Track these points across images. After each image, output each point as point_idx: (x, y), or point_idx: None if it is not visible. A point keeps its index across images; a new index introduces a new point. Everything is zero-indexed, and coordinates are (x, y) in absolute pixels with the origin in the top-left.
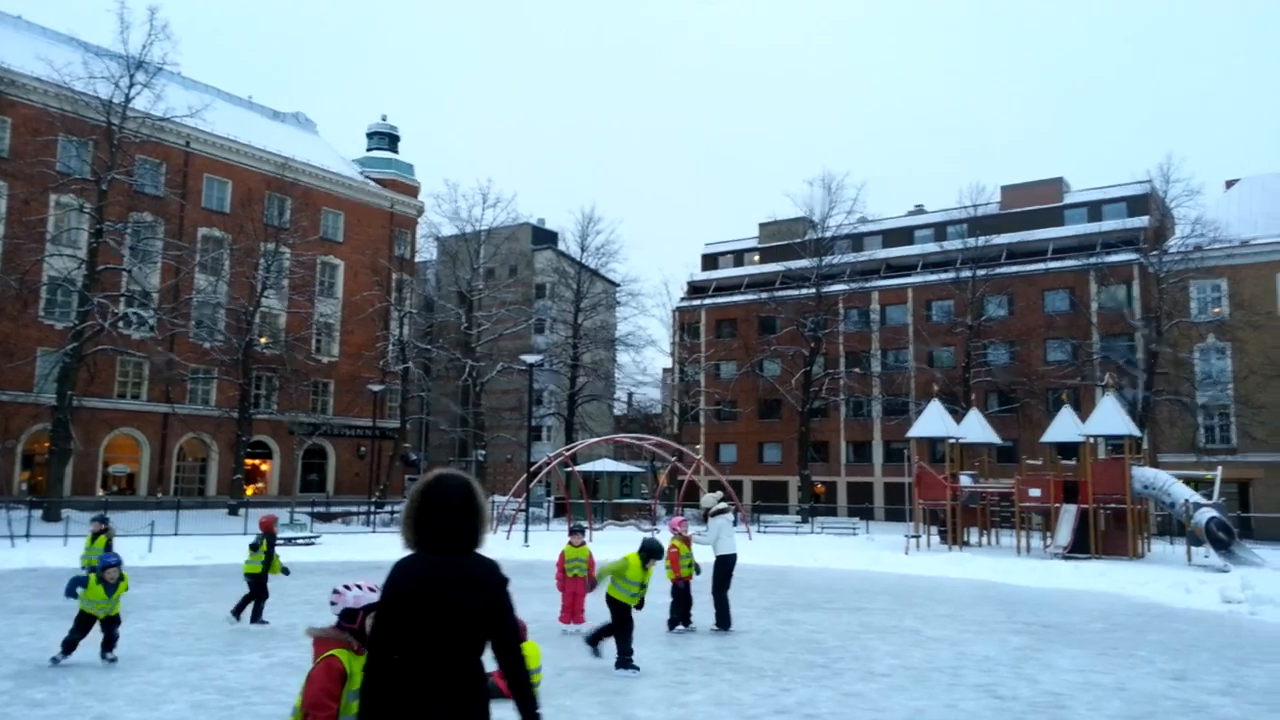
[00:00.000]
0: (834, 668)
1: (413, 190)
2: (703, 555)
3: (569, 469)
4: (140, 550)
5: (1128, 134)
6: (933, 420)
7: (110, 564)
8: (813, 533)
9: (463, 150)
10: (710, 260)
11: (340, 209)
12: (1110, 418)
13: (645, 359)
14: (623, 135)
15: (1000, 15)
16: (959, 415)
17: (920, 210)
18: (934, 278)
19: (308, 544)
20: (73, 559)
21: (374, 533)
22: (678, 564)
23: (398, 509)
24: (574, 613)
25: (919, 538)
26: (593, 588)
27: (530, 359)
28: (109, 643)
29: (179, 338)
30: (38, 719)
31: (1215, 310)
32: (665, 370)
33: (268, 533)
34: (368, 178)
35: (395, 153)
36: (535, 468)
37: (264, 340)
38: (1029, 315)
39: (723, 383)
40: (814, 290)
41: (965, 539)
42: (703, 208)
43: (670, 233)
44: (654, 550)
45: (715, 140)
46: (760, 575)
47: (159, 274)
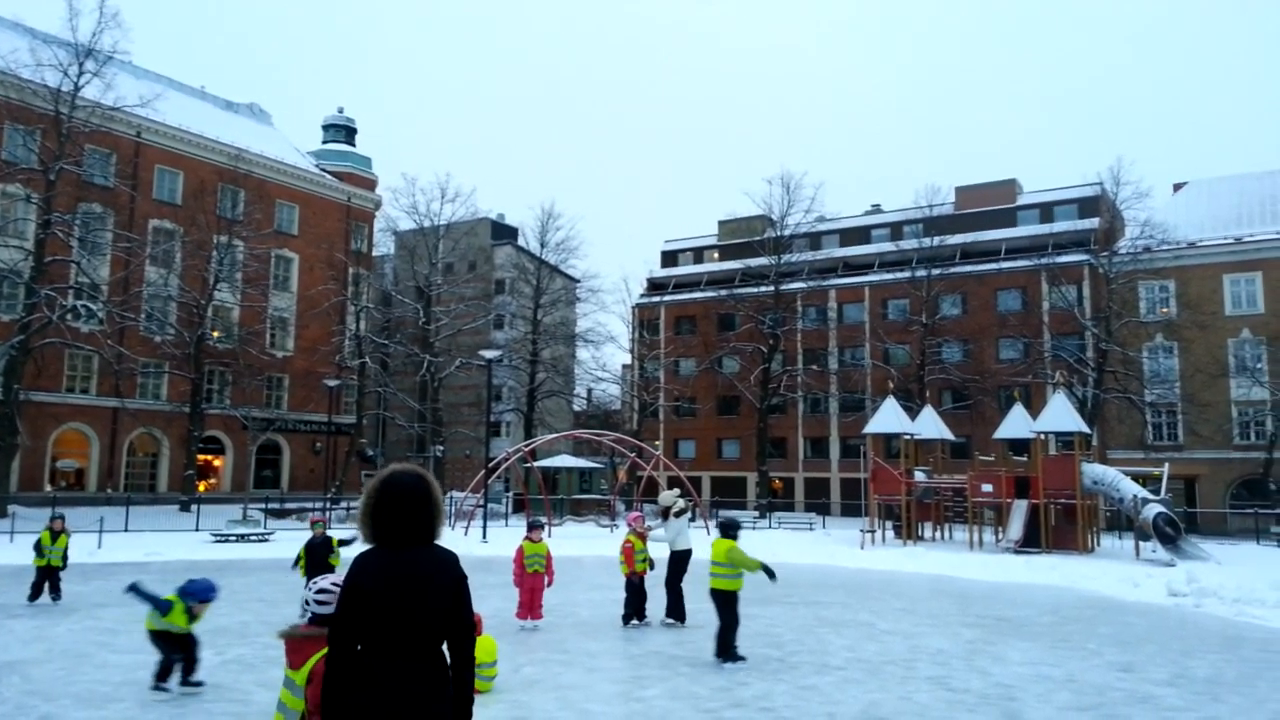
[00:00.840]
0: (790, 661)
1: (370, 184)
2: (657, 550)
3: (528, 465)
4: (89, 547)
5: (1079, 137)
6: (888, 417)
7: (206, 599)
8: (770, 528)
9: (421, 145)
10: (670, 257)
11: (295, 202)
12: (1061, 415)
13: (605, 355)
14: (583, 132)
15: (962, 19)
16: (914, 412)
17: (877, 210)
18: (890, 276)
19: (261, 541)
20: (20, 555)
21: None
22: (632, 559)
23: (354, 505)
24: (532, 608)
25: (874, 532)
26: (550, 583)
27: (489, 354)
28: (189, 668)
29: (129, 331)
30: None
31: (1163, 310)
32: (625, 366)
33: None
34: (324, 170)
35: (352, 145)
36: (494, 463)
37: (216, 334)
38: (982, 314)
39: (682, 379)
40: (773, 288)
41: (919, 534)
42: (662, 205)
43: (630, 229)
44: (732, 524)
45: (675, 137)
46: None
47: (109, 266)
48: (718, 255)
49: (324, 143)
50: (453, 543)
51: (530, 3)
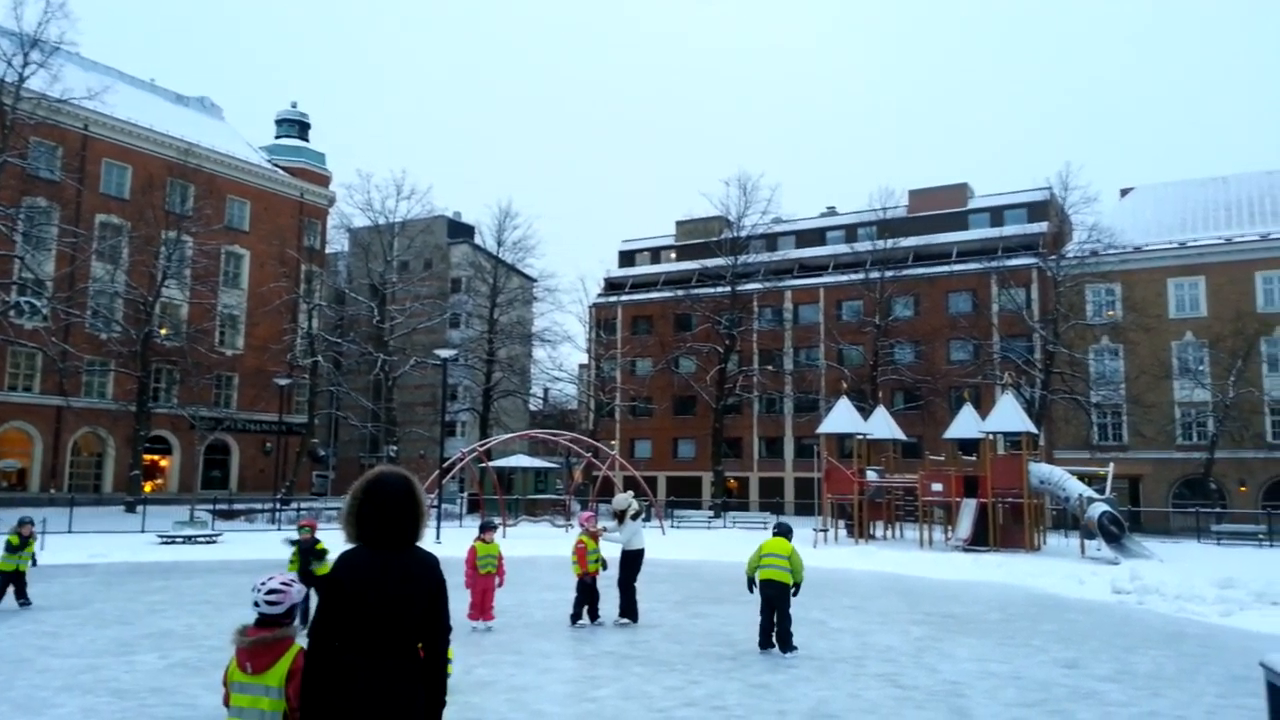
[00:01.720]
0: (742, 660)
1: (323, 180)
2: (609, 551)
3: (483, 465)
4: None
5: (1030, 141)
6: (842, 417)
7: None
8: (725, 527)
9: (377, 142)
10: (627, 257)
11: (246, 197)
12: (1009, 415)
13: (561, 355)
14: (541, 131)
15: (919, 25)
16: (867, 412)
17: (832, 212)
18: (844, 278)
19: (209, 542)
20: None
21: (279, 530)
22: (584, 559)
23: (305, 506)
24: (484, 610)
25: (827, 531)
26: (501, 584)
27: (444, 354)
28: None
29: (74, 328)
30: None
31: (1109, 313)
32: (581, 366)
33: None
34: (276, 166)
35: (306, 141)
36: (448, 464)
37: (164, 331)
38: (934, 316)
39: (638, 379)
40: (729, 288)
41: (871, 532)
42: (620, 205)
43: (588, 229)
44: (788, 528)
45: (634, 138)
46: (672, 570)
47: (53, 261)
48: (675, 255)
49: (276, 137)
50: None
51: (488, 3)
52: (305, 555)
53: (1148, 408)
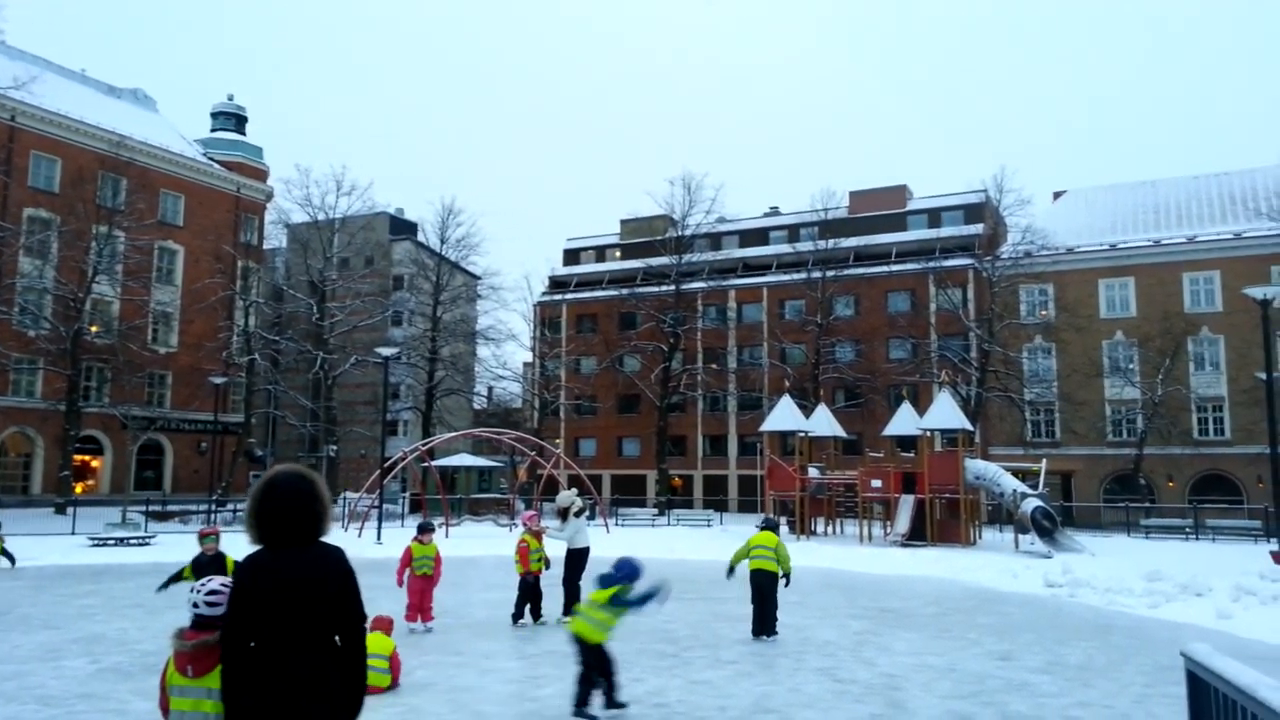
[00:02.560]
0: (684, 656)
1: (261, 174)
2: (554, 549)
3: (425, 464)
4: None
5: (968, 143)
6: (784, 415)
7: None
8: (669, 525)
9: (317, 137)
10: (572, 255)
11: (181, 191)
12: (946, 413)
13: (506, 353)
14: (486, 129)
15: (860, 26)
16: (808, 410)
17: (775, 212)
18: (787, 278)
19: (141, 544)
20: None
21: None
22: (526, 558)
23: (241, 507)
24: (422, 610)
25: None
26: (437, 581)
27: (386, 352)
28: None
29: (1, 325)
30: None
31: (1042, 313)
32: (526, 364)
33: None
34: (212, 160)
35: (242, 134)
36: (389, 463)
37: (95, 329)
38: (874, 315)
39: (583, 378)
40: (673, 287)
41: (812, 528)
42: (565, 203)
43: (533, 228)
44: (774, 522)
45: (579, 136)
46: None
47: None
48: (620, 254)
49: (212, 131)
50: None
51: (430, 2)
52: (201, 572)
53: (1079, 405)
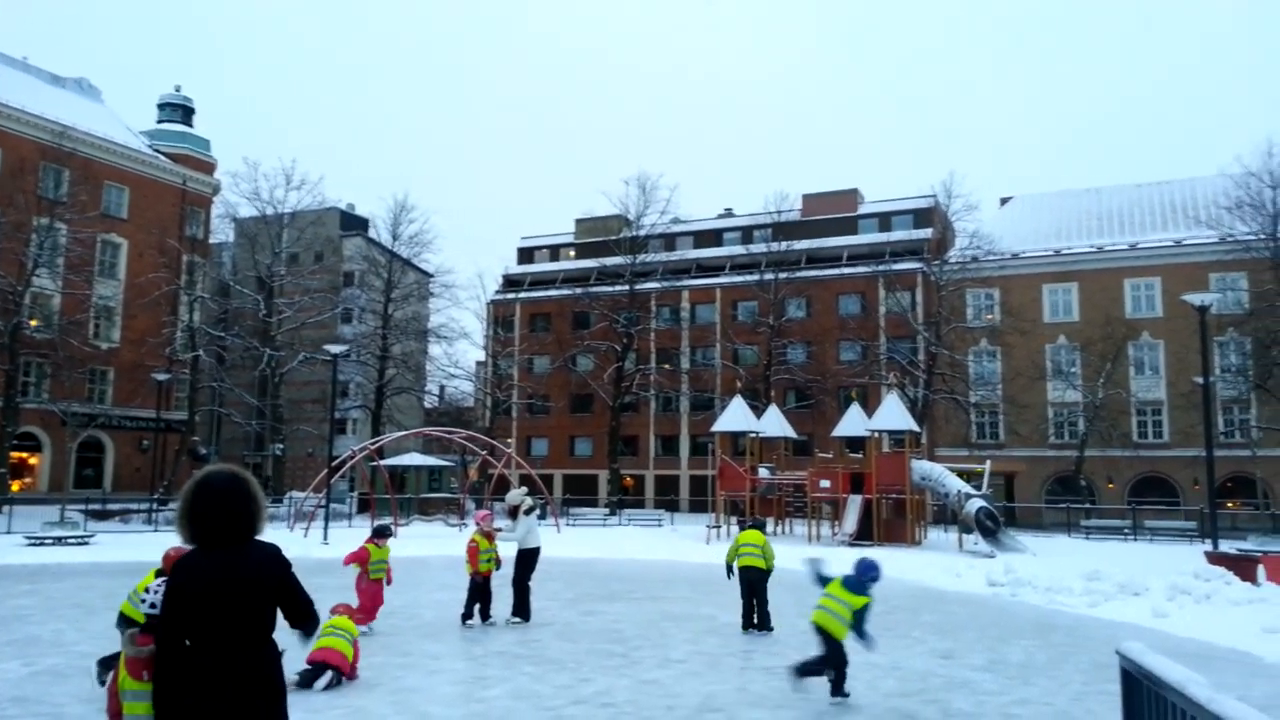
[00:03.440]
0: (632, 656)
1: (208, 167)
2: (503, 549)
3: (374, 463)
4: None
5: (919, 148)
6: (736, 415)
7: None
8: (620, 525)
9: (266, 130)
10: (526, 254)
11: (125, 184)
12: (893, 414)
13: (458, 352)
14: (439, 126)
15: (816, 28)
16: (760, 411)
17: (729, 214)
18: (740, 279)
19: (80, 544)
20: None
21: (156, 531)
22: (476, 559)
23: None
24: (372, 613)
25: (720, 528)
26: (389, 583)
27: (335, 349)
28: None
29: None
30: None
31: (988, 317)
32: (478, 363)
33: None
34: (158, 151)
35: (189, 126)
36: (337, 462)
37: (34, 323)
38: (825, 317)
39: (536, 377)
40: (627, 287)
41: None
42: (520, 202)
43: (486, 226)
44: (761, 522)
45: (532, 135)
46: (566, 568)
47: None
48: (574, 253)
49: (159, 122)
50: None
51: (386, 1)
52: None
53: (1023, 408)
